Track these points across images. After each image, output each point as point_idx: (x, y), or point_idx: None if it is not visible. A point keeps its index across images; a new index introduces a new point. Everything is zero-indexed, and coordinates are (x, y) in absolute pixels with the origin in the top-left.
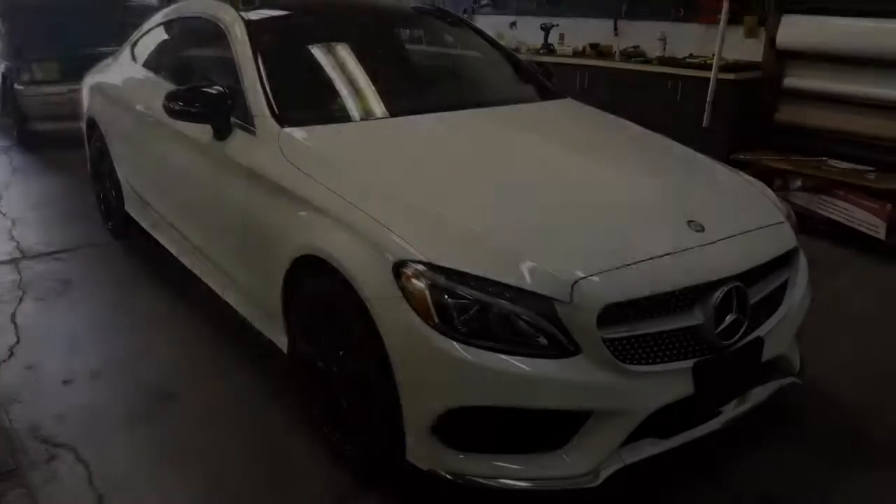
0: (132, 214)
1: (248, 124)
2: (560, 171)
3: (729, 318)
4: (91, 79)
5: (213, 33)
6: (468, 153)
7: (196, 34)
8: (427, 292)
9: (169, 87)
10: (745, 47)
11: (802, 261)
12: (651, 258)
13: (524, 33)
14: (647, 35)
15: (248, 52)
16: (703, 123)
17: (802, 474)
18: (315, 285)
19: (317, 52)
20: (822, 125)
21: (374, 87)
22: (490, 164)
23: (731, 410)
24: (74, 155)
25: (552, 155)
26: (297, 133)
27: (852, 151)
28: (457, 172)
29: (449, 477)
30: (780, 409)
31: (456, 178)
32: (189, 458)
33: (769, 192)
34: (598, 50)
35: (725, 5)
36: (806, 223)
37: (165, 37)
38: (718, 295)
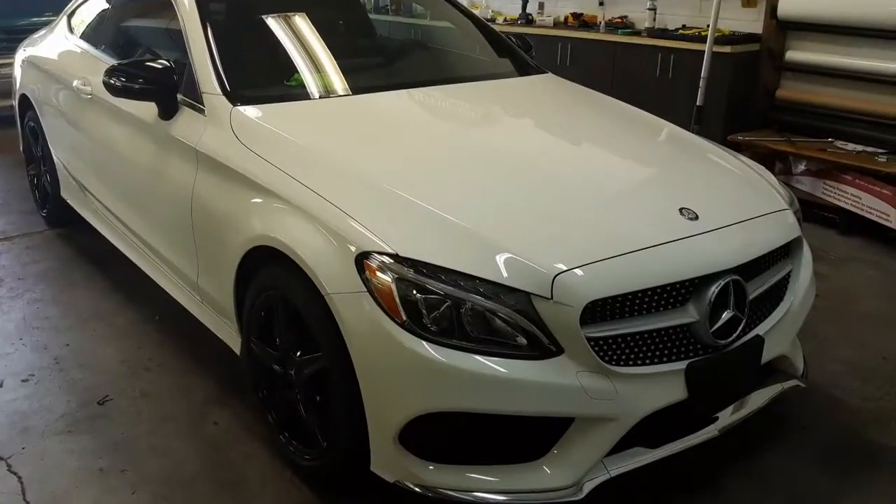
0: (69, 201)
1: (196, 102)
2: (539, 153)
3: (725, 315)
4: (24, 52)
5: (158, 2)
6: (439, 134)
7: (140, 3)
8: (393, 287)
9: (110, 61)
10: (742, 17)
11: (806, 252)
12: (640, 249)
13: (500, 2)
14: (635, 4)
15: (197, 22)
16: (697, 101)
17: (805, 486)
18: (270, 279)
19: (272, 23)
20: (829, 103)
21: (335, 62)
22: (463, 147)
23: (727, 416)
24: (5, 136)
25: (531, 136)
26: (251, 112)
27: (862, 132)
28: (426, 155)
29: (417, 490)
30: (781, 415)
31: (425, 162)
32: (131, 470)
33: (770, 176)
34: (581, 20)
35: None
36: (810, 210)
37: (106, 6)
38: (714, 290)
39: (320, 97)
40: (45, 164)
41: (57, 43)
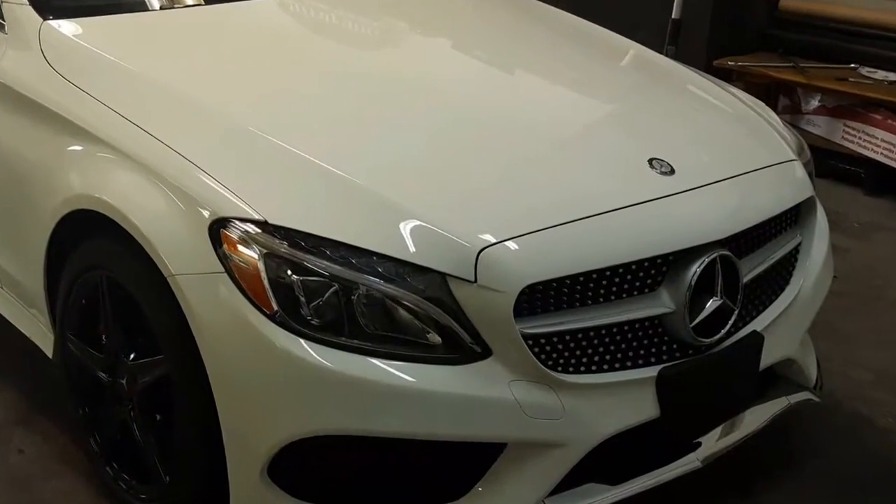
0: None
1: None
2: (459, 85)
3: (711, 304)
4: None
5: None
6: (323, 58)
7: None
8: (261, 266)
9: None
10: None
11: (821, 218)
12: (595, 215)
13: None
14: None
15: None
16: (673, 14)
17: None
18: (94, 255)
19: None
20: (850, 16)
21: None
22: (355, 75)
23: (713, 441)
24: None
25: (447, 62)
26: (68, 27)
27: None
28: (306, 87)
29: None
30: (787, 439)
31: (304, 96)
32: None
33: (772, 115)
34: None
35: None
36: (826, 162)
37: None
38: (695, 269)
39: (161, 7)
40: None
41: None
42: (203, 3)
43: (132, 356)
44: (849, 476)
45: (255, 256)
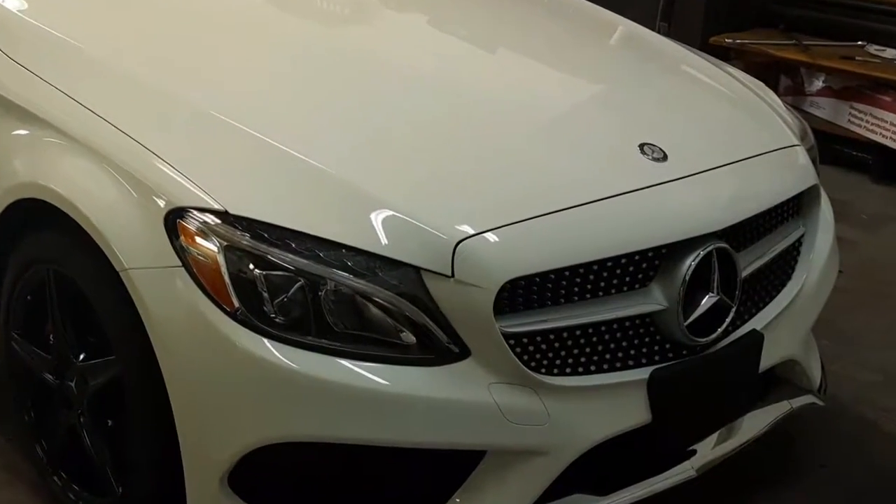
0: None
1: None
2: (435, 65)
3: (707, 301)
4: None
5: None
6: (288, 35)
7: None
8: (221, 259)
9: None
10: None
11: (825, 208)
12: (581, 205)
13: None
14: None
15: None
16: None
17: None
18: (40, 248)
19: None
20: None
21: None
22: (323, 54)
23: (709, 449)
24: None
25: (422, 40)
26: (11, 1)
27: None
28: (270, 66)
29: None
30: (789, 447)
31: (268, 76)
32: None
33: (772, 97)
34: None
35: None
36: (832, 147)
37: None
38: (690, 263)
39: None
40: None
41: None
42: None
43: (82, 357)
44: (854, 486)
45: (215, 249)
